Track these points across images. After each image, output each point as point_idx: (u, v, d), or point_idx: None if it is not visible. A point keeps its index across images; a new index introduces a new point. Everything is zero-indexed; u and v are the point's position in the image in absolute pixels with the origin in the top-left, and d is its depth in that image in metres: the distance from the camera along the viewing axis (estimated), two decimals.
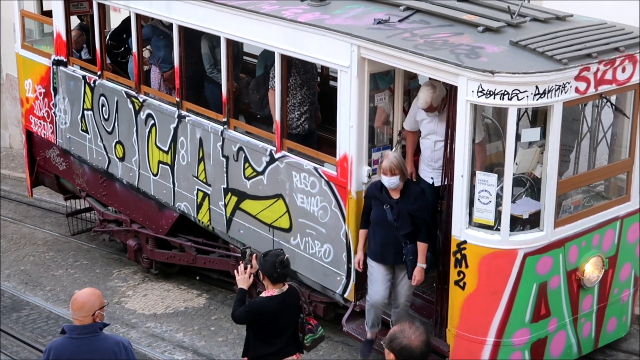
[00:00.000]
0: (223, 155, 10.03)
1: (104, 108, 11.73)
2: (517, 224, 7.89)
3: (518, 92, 7.33)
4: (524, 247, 7.81)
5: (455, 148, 7.80)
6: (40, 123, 13.24)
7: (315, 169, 9.00)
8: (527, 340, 8.09)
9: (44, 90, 12.92)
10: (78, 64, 12.37)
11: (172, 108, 10.68)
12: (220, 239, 10.85)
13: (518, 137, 7.74)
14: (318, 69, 10.71)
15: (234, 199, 10.05)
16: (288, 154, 9.29)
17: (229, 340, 10.40)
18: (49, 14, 12.60)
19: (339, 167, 8.70)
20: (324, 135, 10.15)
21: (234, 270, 7.44)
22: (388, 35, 8.08)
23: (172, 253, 11.82)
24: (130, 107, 11.26)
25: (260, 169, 9.59)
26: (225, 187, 10.12)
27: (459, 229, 7.88)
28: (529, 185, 8.12)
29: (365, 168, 8.60)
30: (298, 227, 9.32)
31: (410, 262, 8.17)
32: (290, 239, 9.44)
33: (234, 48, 10.17)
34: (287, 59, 9.29)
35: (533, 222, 7.93)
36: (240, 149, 9.78)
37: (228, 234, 10.36)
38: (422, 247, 8.16)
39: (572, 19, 8.35)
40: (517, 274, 7.82)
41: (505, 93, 7.36)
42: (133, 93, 11.19)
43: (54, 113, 12.81)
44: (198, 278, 12.13)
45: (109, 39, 12.22)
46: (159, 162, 11.05)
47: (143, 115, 11.10)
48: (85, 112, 12.13)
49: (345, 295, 9.00)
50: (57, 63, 12.49)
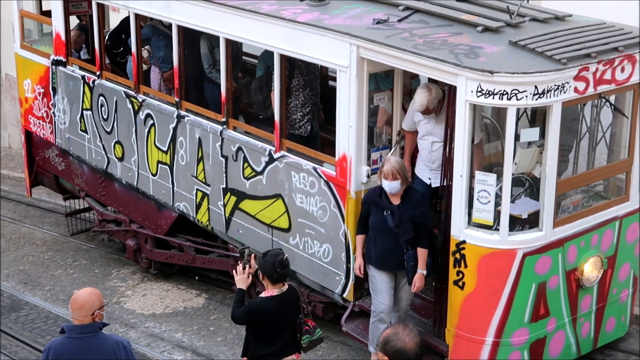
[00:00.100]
0: (222, 155, 10.03)
1: (103, 108, 11.73)
2: (516, 224, 7.89)
3: (517, 92, 7.33)
4: (523, 247, 7.81)
5: (455, 148, 7.80)
6: (40, 123, 13.23)
7: (315, 169, 9.00)
8: (526, 340, 8.09)
9: (43, 90, 12.91)
10: (77, 64, 12.36)
11: (171, 108, 10.68)
12: (220, 239, 10.85)
13: (517, 137, 7.74)
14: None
15: (233, 199, 10.05)
16: (287, 154, 9.29)
17: (228, 340, 10.40)
18: (48, 14, 12.59)
19: (338, 167, 8.70)
20: (323, 135, 10.15)
21: (233, 271, 7.44)
22: (387, 35, 8.08)
23: (171, 253, 11.81)
24: (130, 107, 11.26)
25: (260, 169, 9.59)
26: (225, 187, 10.12)
27: (458, 229, 7.88)
28: (528, 185, 8.12)
29: (365, 168, 8.61)
30: (297, 227, 9.32)
31: (411, 268, 8.11)
32: (290, 239, 9.44)
33: (233, 48, 10.17)
34: (287, 60, 9.30)
35: (532, 222, 7.93)
36: (240, 149, 9.78)
37: (227, 234, 10.36)
38: (422, 253, 8.11)
39: (571, 19, 8.36)
40: (516, 274, 7.82)
41: (505, 93, 7.36)
42: (132, 93, 11.18)
43: (53, 113, 12.81)
44: (197, 278, 12.12)
45: (108, 39, 12.23)
46: (158, 162, 11.05)
47: (142, 115, 11.09)
48: (85, 112, 12.13)
49: (345, 295, 9.00)
50: (56, 63, 12.49)
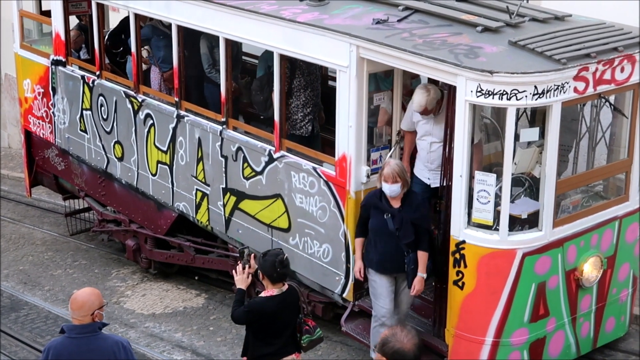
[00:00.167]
0: (222, 155, 10.03)
1: (103, 108, 11.73)
2: (515, 224, 7.90)
3: (517, 92, 7.33)
4: (523, 247, 7.81)
5: (454, 148, 7.80)
6: (39, 123, 13.23)
7: (314, 169, 9.00)
8: (525, 340, 8.09)
9: (43, 90, 12.91)
10: (77, 64, 12.36)
11: (170, 108, 10.68)
12: (219, 239, 10.85)
13: (517, 137, 7.74)
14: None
15: (233, 199, 10.05)
16: (287, 154, 9.29)
17: (228, 340, 10.40)
18: (48, 14, 12.59)
19: (338, 167, 8.70)
20: (323, 135, 10.15)
21: (233, 270, 7.44)
22: (387, 35, 8.08)
23: (170, 253, 11.81)
24: (129, 107, 11.26)
25: (259, 169, 9.59)
26: (224, 187, 10.12)
27: (458, 229, 7.88)
28: (528, 185, 8.12)
29: (364, 168, 8.61)
30: (297, 227, 9.32)
31: (412, 271, 8.06)
32: (289, 239, 9.44)
33: (233, 48, 10.16)
34: (288, 60, 9.30)
35: (532, 222, 7.93)
36: (239, 149, 9.78)
37: (227, 234, 10.36)
38: (423, 256, 8.06)
39: (570, 19, 8.36)
40: (515, 274, 7.82)
41: (504, 93, 7.36)
42: (132, 93, 11.18)
43: (53, 113, 12.80)
44: (197, 278, 12.12)
45: (108, 39, 12.23)
46: (158, 162, 11.05)
47: (142, 115, 11.09)
48: (84, 112, 12.13)
49: (344, 295, 9.00)
50: (55, 63, 12.49)
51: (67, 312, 9.04)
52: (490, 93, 7.39)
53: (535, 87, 7.33)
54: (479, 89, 7.41)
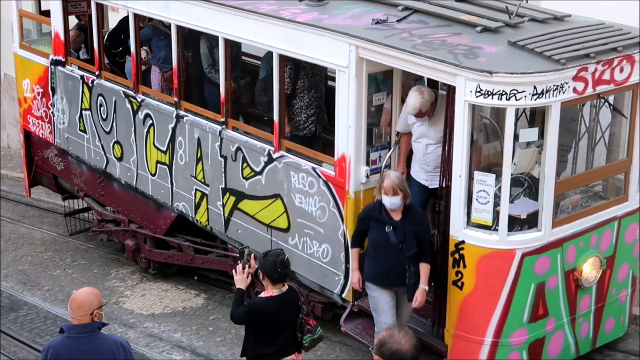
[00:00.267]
0: (221, 155, 10.03)
1: (102, 108, 11.73)
2: (515, 224, 7.90)
3: (516, 92, 7.33)
4: (522, 247, 7.81)
5: (454, 148, 7.80)
6: (39, 123, 13.23)
7: (314, 169, 9.00)
8: (525, 340, 8.09)
9: (42, 90, 12.91)
10: (76, 64, 12.36)
11: (170, 108, 10.68)
12: (219, 239, 10.85)
13: (516, 137, 7.73)
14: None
15: (232, 199, 10.05)
16: (286, 154, 9.29)
17: (227, 340, 10.40)
18: (47, 14, 12.59)
19: (337, 167, 8.70)
20: (324, 136, 10.14)
21: (232, 270, 7.44)
22: (386, 36, 8.08)
23: (170, 253, 11.81)
24: (129, 107, 11.26)
25: (259, 169, 9.59)
26: (224, 187, 10.12)
27: (457, 229, 7.88)
28: (527, 186, 8.12)
29: (364, 168, 8.60)
30: (296, 227, 9.32)
31: (412, 285, 7.95)
32: (289, 239, 9.44)
33: (233, 48, 10.16)
34: (292, 61, 9.29)
35: (531, 222, 7.93)
36: (239, 149, 9.78)
37: (226, 234, 10.36)
38: (425, 268, 7.98)
39: (570, 19, 8.36)
40: (515, 274, 7.82)
41: (503, 93, 7.36)
42: (131, 93, 11.18)
43: (52, 113, 12.80)
44: (196, 278, 12.12)
45: (107, 40, 12.23)
46: (157, 162, 11.05)
47: (141, 115, 11.09)
48: (84, 112, 12.13)
49: (344, 295, 8.99)
50: (55, 63, 12.49)
51: (66, 312, 9.05)
52: (490, 93, 7.39)
53: (535, 87, 7.33)
54: (478, 89, 7.41)
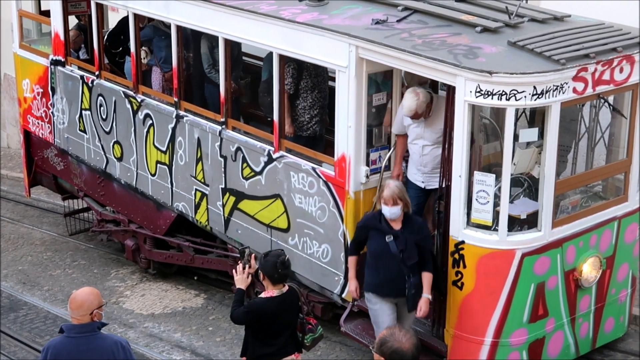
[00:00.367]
0: (221, 156, 10.03)
1: (102, 108, 11.73)
2: (515, 224, 7.90)
3: (516, 92, 7.34)
4: (522, 247, 7.81)
5: (453, 148, 7.80)
6: (38, 123, 13.23)
7: (314, 169, 9.00)
8: (524, 341, 8.09)
9: (42, 90, 12.91)
10: (76, 64, 12.36)
11: (170, 108, 10.68)
12: (218, 239, 10.85)
13: (516, 137, 7.73)
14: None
15: (232, 199, 10.05)
16: (286, 154, 9.29)
17: (227, 340, 10.40)
18: (47, 14, 12.59)
19: (337, 167, 8.70)
20: (325, 136, 10.14)
21: (233, 270, 7.44)
22: (386, 36, 8.08)
23: (170, 253, 11.81)
24: (128, 107, 11.26)
25: (259, 169, 9.59)
26: (224, 187, 10.12)
27: (457, 229, 7.88)
28: (527, 186, 8.12)
29: (364, 168, 8.60)
30: (296, 227, 9.32)
31: (412, 296, 7.89)
32: (288, 239, 9.44)
33: (233, 48, 10.16)
34: (294, 61, 9.28)
35: (531, 222, 7.93)
36: (239, 149, 9.78)
37: (226, 234, 10.36)
38: (428, 277, 7.93)
39: (570, 20, 8.36)
40: (514, 274, 7.82)
41: (503, 93, 7.36)
42: (131, 93, 11.18)
43: (52, 113, 12.80)
44: (196, 278, 12.11)
45: (107, 40, 12.22)
46: (157, 162, 11.05)
47: (141, 115, 11.09)
48: (83, 112, 12.13)
49: (343, 296, 8.99)
50: (55, 63, 12.49)
51: (66, 312, 9.05)
52: (490, 93, 7.39)
53: (535, 87, 7.33)
54: (478, 90, 7.41)
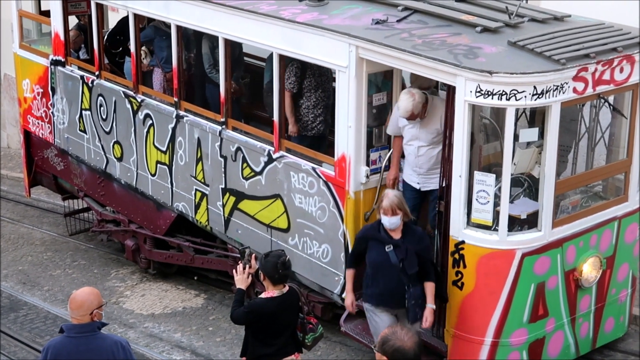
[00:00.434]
0: (221, 156, 10.03)
1: (102, 108, 11.73)
2: (515, 224, 7.90)
3: (516, 92, 7.34)
4: (522, 247, 7.81)
5: (453, 148, 7.80)
6: (38, 123, 13.23)
7: (314, 169, 9.00)
8: (525, 341, 8.09)
9: (42, 90, 12.91)
10: (76, 64, 12.36)
11: (170, 108, 10.68)
12: (219, 239, 10.85)
13: (516, 137, 7.73)
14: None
15: (232, 199, 10.05)
16: (286, 154, 9.29)
17: (227, 340, 10.40)
18: (47, 14, 12.60)
19: (337, 167, 8.70)
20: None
21: (233, 270, 7.44)
22: (386, 36, 8.08)
23: (170, 253, 11.81)
24: (128, 107, 11.26)
25: (259, 169, 9.59)
26: (224, 187, 10.12)
27: (457, 229, 7.88)
28: (527, 186, 8.12)
29: (364, 168, 8.60)
30: (296, 227, 9.32)
31: (412, 306, 7.83)
32: (288, 239, 9.44)
33: (234, 49, 10.15)
34: (298, 60, 9.27)
35: (531, 222, 7.93)
36: (239, 149, 9.78)
37: (226, 234, 10.36)
38: (431, 287, 7.89)
39: (570, 20, 8.36)
40: (515, 274, 7.82)
41: (503, 93, 7.36)
42: (131, 93, 11.18)
43: (52, 113, 12.80)
44: (196, 278, 12.11)
45: (107, 40, 12.22)
46: (157, 162, 11.05)
47: (141, 116, 11.09)
48: (83, 112, 12.13)
49: (344, 296, 8.98)
50: (55, 63, 12.49)
51: (66, 312, 9.05)
52: (490, 93, 7.39)
53: (535, 87, 7.33)
54: (478, 89, 7.41)
